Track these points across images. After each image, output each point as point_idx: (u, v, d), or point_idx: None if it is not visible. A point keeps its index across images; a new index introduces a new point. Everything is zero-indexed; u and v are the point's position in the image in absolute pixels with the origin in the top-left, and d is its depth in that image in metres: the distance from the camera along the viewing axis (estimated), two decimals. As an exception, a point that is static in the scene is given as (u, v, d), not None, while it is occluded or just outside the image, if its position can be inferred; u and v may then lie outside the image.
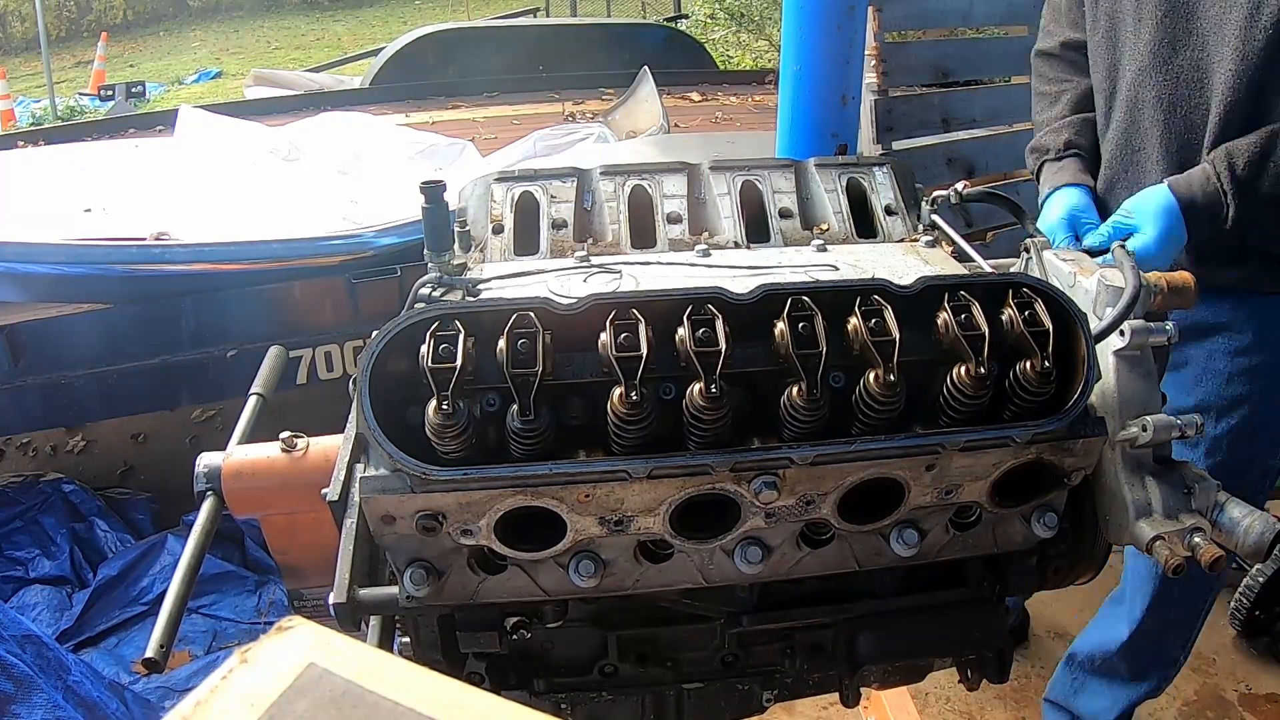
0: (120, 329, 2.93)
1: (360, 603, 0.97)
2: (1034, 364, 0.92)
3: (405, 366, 0.90)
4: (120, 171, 3.87)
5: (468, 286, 1.14)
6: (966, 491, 0.98)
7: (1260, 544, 0.99)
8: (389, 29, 15.28)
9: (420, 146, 4.27)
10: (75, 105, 10.78)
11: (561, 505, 0.90)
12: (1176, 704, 2.67)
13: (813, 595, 1.14)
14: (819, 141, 2.32)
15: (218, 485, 1.16)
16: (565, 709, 1.18)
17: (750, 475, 0.90)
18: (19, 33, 16.53)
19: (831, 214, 1.33)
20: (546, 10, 12.21)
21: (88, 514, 2.94)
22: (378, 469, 0.90)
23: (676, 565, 1.00)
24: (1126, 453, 1.05)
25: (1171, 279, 1.15)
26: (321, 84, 7.42)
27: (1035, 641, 2.85)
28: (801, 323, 0.91)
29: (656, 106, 4.39)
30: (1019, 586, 1.19)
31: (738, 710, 1.26)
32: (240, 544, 2.93)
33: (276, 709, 0.54)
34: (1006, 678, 1.20)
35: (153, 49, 16.64)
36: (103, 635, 2.66)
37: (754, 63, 9.98)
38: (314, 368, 3.07)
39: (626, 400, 0.86)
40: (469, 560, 0.97)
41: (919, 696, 2.56)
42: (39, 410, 2.95)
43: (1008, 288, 0.96)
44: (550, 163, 3.17)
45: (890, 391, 0.89)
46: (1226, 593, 2.87)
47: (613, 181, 1.35)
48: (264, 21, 18.52)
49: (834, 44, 2.25)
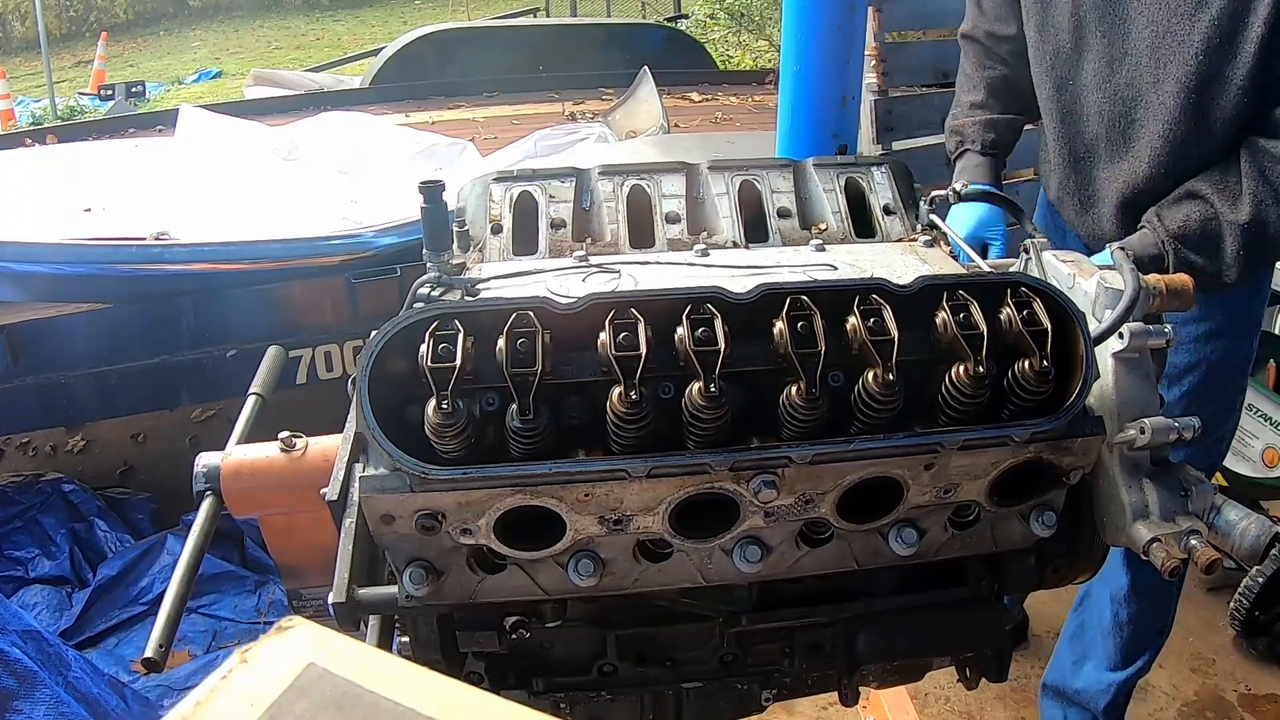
0: (120, 329, 2.93)
1: (359, 602, 0.97)
2: (1032, 363, 0.92)
3: (404, 366, 0.90)
4: (120, 171, 3.86)
5: (467, 286, 1.14)
6: (965, 491, 0.98)
7: (1256, 547, 0.99)
8: (389, 29, 15.27)
9: (420, 146, 4.27)
10: (75, 105, 10.78)
11: (561, 504, 0.90)
12: (1176, 704, 2.67)
13: (812, 594, 1.14)
14: (819, 142, 2.32)
15: (217, 485, 1.16)
16: (564, 709, 1.18)
17: (749, 474, 0.91)
18: (19, 32, 16.53)
19: (830, 214, 1.33)
20: (546, 10, 12.21)
21: (87, 514, 2.94)
22: (377, 468, 0.90)
23: (675, 564, 1.00)
24: (1124, 455, 1.05)
25: (1170, 281, 1.15)
26: (321, 84, 7.41)
27: (1035, 641, 2.85)
28: (800, 322, 0.91)
29: (656, 106, 4.38)
30: (1018, 585, 1.19)
31: (737, 710, 1.26)
32: (240, 544, 2.93)
33: (276, 709, 0.54)
34: (1005, 677, 1.20)
35: (153, 49, 16.64)
36: (102, 635, 2.66)
37: (754, 63, 9.98)
38: (313, 368, 3.07)
39: (626, 400, 0.86)
40: (468, 560, 0.97)
41: (918, 696, 2.56)
42: (39, 410, 2.95)
43: (1006, 287, 0.96)
44: (550, 163, 3.17)
45: (889, 391, 0.89)
46: (1226, 594, 2.88)
47: (611, 181, 1.35)
48: (264, 21, 18.52)
49: (834, 44, 2.25)
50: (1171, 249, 1.59)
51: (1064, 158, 1.83)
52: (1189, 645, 2.85)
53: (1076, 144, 1.79)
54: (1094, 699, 2.20)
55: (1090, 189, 1.81)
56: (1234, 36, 1.49)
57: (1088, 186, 1.81)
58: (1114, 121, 1.69)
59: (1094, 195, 1.80)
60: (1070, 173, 1.83)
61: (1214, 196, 1.57)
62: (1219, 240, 1.57)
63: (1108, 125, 1.70)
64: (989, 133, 1.91)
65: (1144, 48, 1.59)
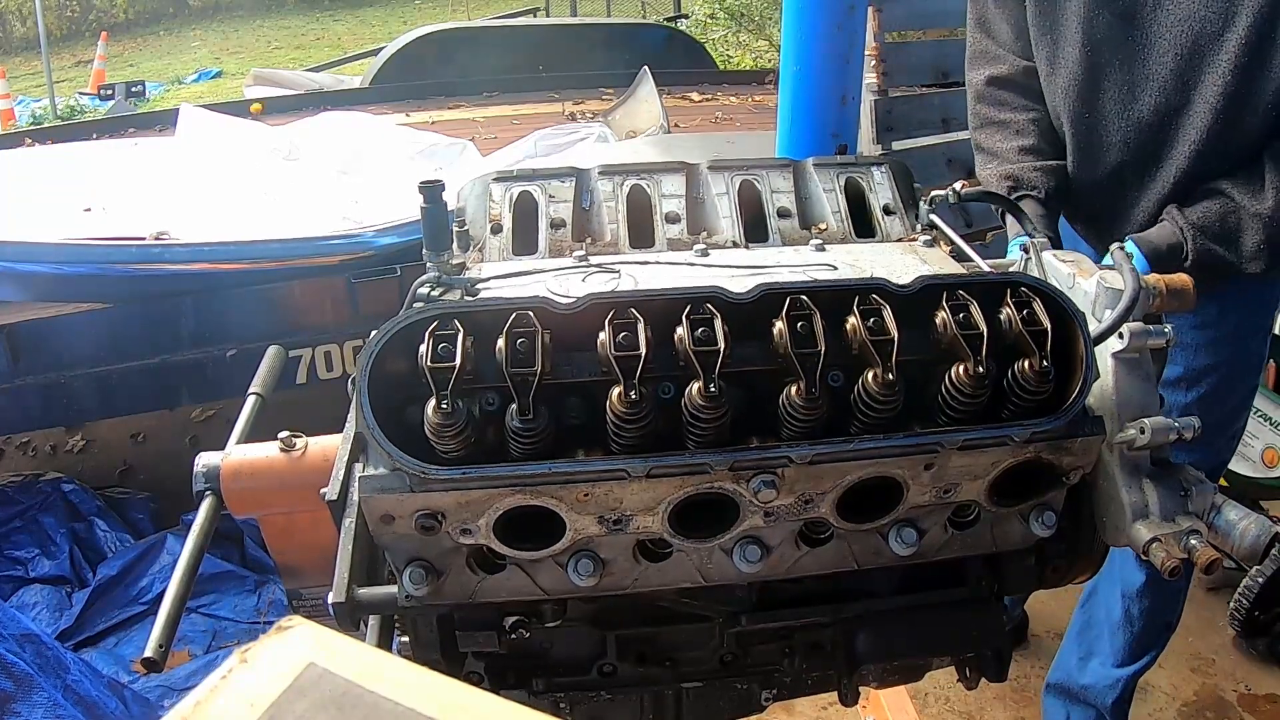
0: (120, 329, 2.93)
1: (359, 602, 0.97)
2: (1032, 363, 0.92)
3: (404, 366, 0.90)
4: (120, 171, 3.86)
5: (466, 286, 1.14)
6: (965, 491, 0.98)
7: (1256, 547, 0.99)
8: (389, 29, 15.27)
9: (420, 146, 4.27)
10: (75, 105, 10.77)
11: (560, 504, 0.90)
12: (1176, 704, 2.67)
13: (811, 594, 1.14)
14: (819, 141, 2.32)
15: (216, 485, 1.16)
16: (564, 708, 1.18)
17: (749, 474, 0.91)
18: (19, 32, 16.53)
19: (830, 214, 1.33)
20: (546, 10, 12.20)
21: (87, 513, 2.94)
22: (377, 468, 0.90)
23: (675, 564, 1.00)
24: (1124, 455, 1.05)
25: (1170, 281, 1.16)
26: (321, 84, 7.42)
27: (1035, 641, 2.85)
28: (800, 322, 0.91)
29: (656, 106, 4.38)
30: (1017, 585, 1.19)
31: (736, 709, 1.26)
32: (239, 543, 2.93)
33: (276, 709, 0.54)
34: (1005, 677, 1.20)
35: (153, 48, 16.64)
36: (102, 635, 2.66)
37: (754, 63, 9.98)
38: (313, 367, 3.07)
39: (625, 399, 0.86)
40: (468, 560, 0.97)
41: (918, 696, 2.56)
42: (38, 410, 2.95)
43: (1006, 287, 0.96)
44: (550, 163, 3.17)
45: (889, 390, 0.89)
46: (1226, 593, 2.88)
47: (611, 181, 1.35)
48: (264, 21, 18.51)
49: (834, 44, 2.25)
50: (1190, 237, 1.57)
51: (1084, 186, 1.80)
52: (1189, 645, 2.85)
53: (1098, 173, 1.75)
54: (1100, 695, 2.20)
55: (1114, 214, 1.78)
56: (1263, 53, 1.48)
57: (1111, 211, 1.79)
58: (1140, 148, 1.67)
59: (1119, 219, 1.78)
60: (1092, 201, 1.81)
61: (1235, 191, 1.57)
62: (1239, 231, 1.57)
63: (1133, 153, 1.68)
64: (1051, 180, 1.77)
65: (1168, 72, 1.57)
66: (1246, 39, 1.48)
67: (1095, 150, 1.74)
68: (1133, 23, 1.59)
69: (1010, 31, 1.84)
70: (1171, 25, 1.55)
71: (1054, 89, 1.76)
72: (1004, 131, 1.84)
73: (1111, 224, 1.80)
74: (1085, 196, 1.82)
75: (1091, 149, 1.74)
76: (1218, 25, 1.50)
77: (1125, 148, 1.69)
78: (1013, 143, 1.82)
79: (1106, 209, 1.80)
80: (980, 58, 1.90)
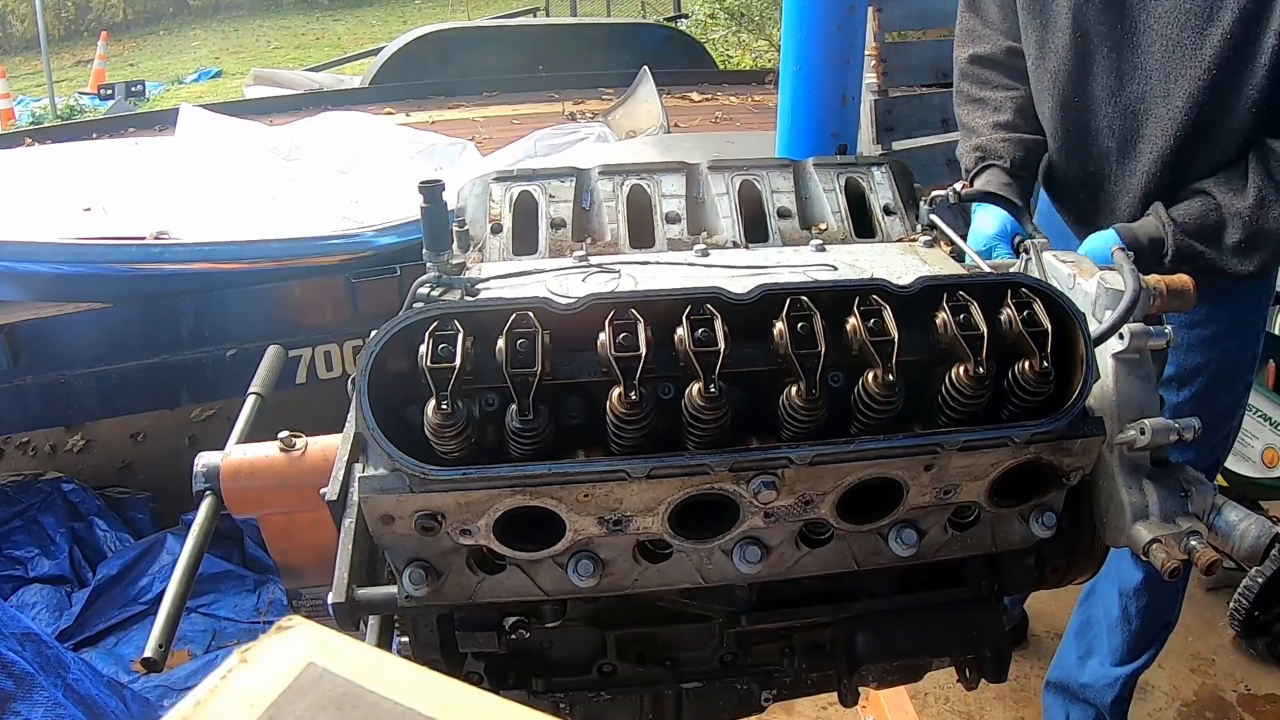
0: (120, 328, 2.93)
1: (359, 602, 0.97)
2: (1032, 364, 0.92)
3: (404, 366, 0.90)
4: (120, 170, 3.86)
5: (466, 286, 1.14)
6: (965, 491, 0.98)
7: (1256, 548, 0.99)
8: (389, 29, 15.27)
9: (420, 146, 4.27)
10: (75, 104, 10.77)
11: (560, 505, 0.90)
12: (1176, 704, 2.67)
13: (811, 595, 1.14)
14: (819, 141, 2.32)
15: (216, 485, 1.16)
16: (564, 708, 1.18)
17: (749, 475, 0.91)
18: (19, 32, 16.51)
19: (830, 214, 1.33)
20: (546, 10, 12.19)
21: (87, 513, 2.94)
22: (376, 469, 0.90)
23: (675, 565, 1.00)
24: (1124, 455, 1.05)
25: (1170, 282, 1.16)
26: (321, 84, 7.42)
27: (1035, 641, 2.85)
28: (800, 323, 0.91)
29: (656, 106, 4.38)
30: (1017, 586, 1.19)
31: (736, 710, 1.26)
32: (239, 543, 2.93)
33: (276, 709, 0.54)
34: (1005, 677, 1.20)
35: (153, 48, 16.63)
36: (102, 634, 2.66)
37: (754, 63, 9.97)
38: (313, 367, 3.07)
39: (625, 400, 0.86)
40: (468, 560, 0.97)
41: (917, 696, 2.56)
42: (38, 409, 2.95)
43: (1006, 288, 0.96)
44: (550, 162, 3.17)
45: (889, 391, 0.89)
46: (1226, 593, 2.88)
47: (611, 181, 1.35)
48: (264, 21, 18.51)
49: (834, 44, 2.25)
50: (1171, 232, 1.58)
51: (1070, 173, 1.81)
52: (1189, 645, 2.85)
53: (1085, 159, 1.77)
54: (1100, 694, 2.21)
55: (1099, 202, 1.79)
56: (1246, 49, 1.49)
57: (1096, 200, 1.80)
58: (1124, 135, 1.68)
59: (1103, 208, 1.79)
60: (1078, 187, 1.82)
61: (1217, 190, 1.58)
62: (1220, 228, 1.58)
63: (1118, 140, 1.69)
64: (1019, 151, 1.78)
65: (1154, 61, 1.58)
66: (1231, 33, 1.49)
67: (1082, 136, 1.75)
68: (1123, 11, 1.60)
69: (998, 12, 1.87)
70: (1160, 15, 1.56)
71: (1042, 73, 1.77)
72: (983, 109, 1.88)
73: (1095, 212, 1.81)
74: (1070, 182, 1.83)
75: (1079, 134, 1.75)
76: (1203, 19, 1.51)
77: (1111, 134, 1.70)
78: (989, 118, 1.86)
79: (1091, 196, 1.81)
80: (966, 36, 1.94)
